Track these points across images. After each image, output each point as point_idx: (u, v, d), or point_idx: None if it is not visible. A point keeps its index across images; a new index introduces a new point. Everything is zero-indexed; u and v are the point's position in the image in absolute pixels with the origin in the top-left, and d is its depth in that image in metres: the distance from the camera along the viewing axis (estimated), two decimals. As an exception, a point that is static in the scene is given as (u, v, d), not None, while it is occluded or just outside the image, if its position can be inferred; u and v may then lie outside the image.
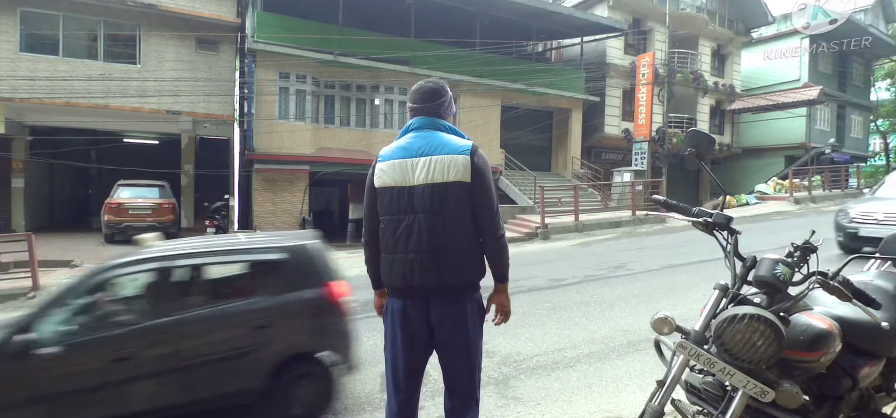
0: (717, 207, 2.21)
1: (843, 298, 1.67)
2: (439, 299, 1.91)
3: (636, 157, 18.80)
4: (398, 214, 1.87)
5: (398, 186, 1.87)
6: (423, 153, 1.88)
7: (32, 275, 8.05)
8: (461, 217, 1.88)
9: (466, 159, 1.87)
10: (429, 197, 1.84)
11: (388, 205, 1.90)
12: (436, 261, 1.85)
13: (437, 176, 1.84)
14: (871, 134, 30.69)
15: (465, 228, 1.89)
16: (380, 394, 3.84)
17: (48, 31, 13.37)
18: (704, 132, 2.17)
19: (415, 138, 1.93)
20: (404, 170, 1.87)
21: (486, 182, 1.91)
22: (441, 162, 1.85)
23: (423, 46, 16.33)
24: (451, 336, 1.92)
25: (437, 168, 1.84)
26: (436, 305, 1.91)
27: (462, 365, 1.94)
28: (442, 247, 1.85)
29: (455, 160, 1.86)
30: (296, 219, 14.69)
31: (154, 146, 18.52)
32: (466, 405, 1.96)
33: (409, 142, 1.93)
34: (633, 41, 21.80)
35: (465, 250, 1.90)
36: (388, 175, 1.89)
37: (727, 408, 1.74)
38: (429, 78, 2.15)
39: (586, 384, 3.81)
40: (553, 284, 7.15)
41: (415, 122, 1.97)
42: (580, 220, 13.32)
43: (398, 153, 1.91)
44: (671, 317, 1.83)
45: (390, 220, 1.90)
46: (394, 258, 1.90)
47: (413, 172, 1.86)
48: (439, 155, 1.86)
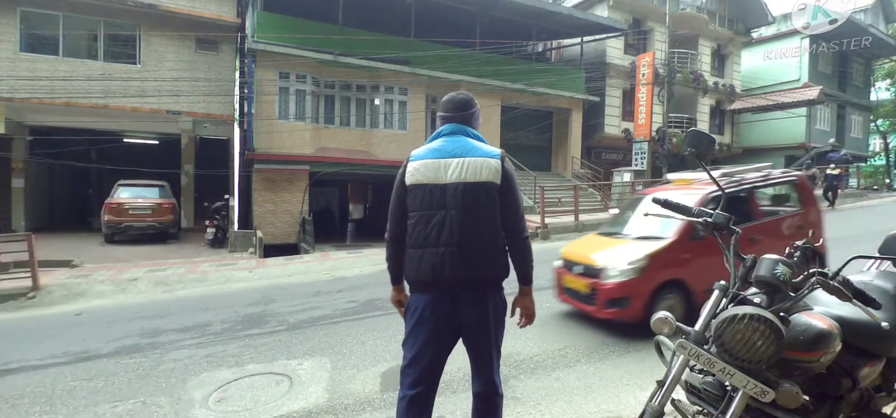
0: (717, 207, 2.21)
1: (843, 298, 1.67)
2: (465, 294, 1.99)
3: (636, 157, 18.80)
4: (430, 210, 1.96)
5: (431, 184, 1.97)
6: (455, 154, 1.99)
7: (32, 275, 8.06)
8: (490, 216, 1.98)
9: (497, 162, 2.01)
10: (461, 194, 1.94)
11: (419, 202, 1.98)
12: (465, 255, 1.94)
13: (469, 175, 1.95)
14: (871, 134, 30.68)
15: (492, 227, 2.00)
16: (380, 394, 3.85)
17: (48, 31, 13.37)
18: (704, 132, 2.17)
19: (447, 142, 2.06)
20: (437, 169, 1.97)
21: (514, 185, 2.05)
22: (473, 163, 1.98)
23: (423, 46, 16.33)
24: (476, 328, 2.02)
25: (470, 168, 1.97)
26: (462, 300, 1.99)
27: (487, 354, 2.05)
28: (471, 243, 1.94)
29: (487, 162, 1.99)
30: (296, 219, 14.69)
31: (154, 146, 18.52)
32: (492, 392, 2.08)
33: (441, 145, 2.05)
34: (633, 41, 21.79)
35: (491, 248, 1.99)
36: (421, 173, 1.99)
37: (727, 408, 1.74)
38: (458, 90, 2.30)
39: (586, 384, 3.81)
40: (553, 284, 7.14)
41: (446, 128, 2.11)
42: (580, 220, 13.31)
43: (431, 154, 2.02)
44: (671, 318, 1.83)
45: (422, 216, 1.98)
46: (424, 252, 1.97)
47: (446, 171, 1.96)
48: (472, 156, 1.99)
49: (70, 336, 5.86)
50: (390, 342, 5.09)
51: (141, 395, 4.07)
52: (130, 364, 4.83)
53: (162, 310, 6.89)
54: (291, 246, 13.98)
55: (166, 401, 3.93)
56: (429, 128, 16.94)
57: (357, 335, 5.37)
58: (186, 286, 8.60)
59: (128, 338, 5.61)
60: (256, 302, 7.18)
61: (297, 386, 4.10)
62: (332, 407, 3.69)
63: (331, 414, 3.60)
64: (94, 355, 5.11)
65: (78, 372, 4.67)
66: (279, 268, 10.18)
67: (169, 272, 9.61)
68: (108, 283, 8.63)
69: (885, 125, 30.44)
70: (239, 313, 6.54)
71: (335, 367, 4.41)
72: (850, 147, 26.25)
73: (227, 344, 5.31)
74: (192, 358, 4.91)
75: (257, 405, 3.80)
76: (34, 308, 7.53)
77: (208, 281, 9.01)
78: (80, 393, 4.18)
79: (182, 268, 9.98)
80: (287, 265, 10.47)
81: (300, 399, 3.86)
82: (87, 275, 9.20)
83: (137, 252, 11.87)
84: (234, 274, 9.59)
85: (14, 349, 5.43)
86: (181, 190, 15.77)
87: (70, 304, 7.58)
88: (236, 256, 11.66)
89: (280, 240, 14.18)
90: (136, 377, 4.49)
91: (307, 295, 7.49)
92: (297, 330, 5.66)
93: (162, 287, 8.52)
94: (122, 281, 8.79)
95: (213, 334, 5.67)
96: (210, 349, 5.15)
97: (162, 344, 5.41)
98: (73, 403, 4.00)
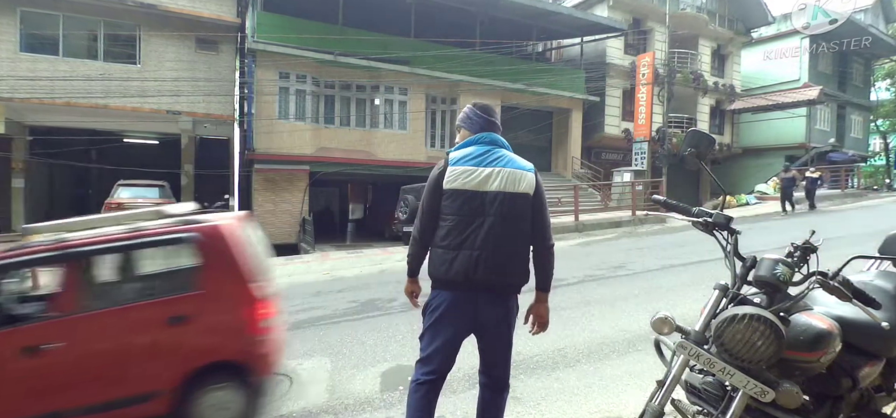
0: (717, 207, 2.21)
1: (843, 298, 1.67)
2: (488, 296, 2.12)
3: (636, 157, 18.79)
4: (469, 216, 2.06)
5: (472, 190, 2.06)
6: (495, 164, 2.10)
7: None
8: (523, 226, 2.14)
9: (532, 176, 2.16)
10: (500, 203, 2.07)
11: (459, 207, 2.08)
12: (498, 260, 2.06)
13: (509, 186, 2.08)
14: (871, 134, 30.68)
15: (524, 236, 2.16)
16: (380, 394, 3.85)
17: (48, 31, 13.37)
18: (704, 132, 2.17)
19: (485, 150, 2.15)
20: (479, 177, 2.07)
21: (545, 197, 2.24)
22: (513, 175, 2.11)
23: (423, 46, 16.33)
24: (495, 329, 2.17)
25: (510, 179, 2.09)
26: (484, 301, 2.12)
27: (501, 354, 2.21)
28: (504, 248, 2.07)
29: (525, 175, 2.14)
30: (296, 219, 14.69)
31: (154, 146, 18.53)
32: (501, 386, 2.25)
33: (480, 153, 2.13)
34: (633, 41, 21.79)
35: (521, 256, 2.16)
36: (462, 179, 2.07)
37: (727, 408, 1.74)
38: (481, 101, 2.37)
39: (586, 384, 3.81)
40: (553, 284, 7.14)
41: (486, 136, 2.18)
42: (580, 220, 13.32)
43: (471, 161, 2.10)
44: (671, 317, 1.83)
45: (460, 220, 2.07)
46: (458, 254, 2.06)
47: (487, 180, 2.06)
48: (510, 168, 2.12)
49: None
50: (390, 342, 5.09)
51: (141, 395, 4.06)
52: (130, 364, 4.82)
53: (162, 310, 6.88)
54: (291, 246, 13.98)
55: (166, 401, 3.93)
56: (429, 128, 16.96)
57: (357, 335, 5.36)
58: (186, 286, 8.58)
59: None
60: (256, 302, 7.16)
61: (297, 386, 4.10)
62: (332, 407, 3.69)
63: (331, 414, 3.60)
64: (94, 355, 5.10)
65: (78, 372, 4.66)
66: (279, 268, 10.17)
67: (169, 272, 9.59)
68: (108, 283, 8.61)
69: (885, 125, 30.43)
70: (239, 313, 6.53)
71: (335, 367, 4.41)
72: (849, 147, 26.29)
73: (227, 344, 5.30)
74: (192, 358, 4.90)
75: (257, 405, 3.80)
76: (34, 308, 7.51)
77: (208, 281, 8.99)
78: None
79: (182, 268, 9.96)
80: (287, 265, 10.47)
81: (300, 399, 3.86)
82: (87, 275, 9.17)
83: (137, 252, 11.84)
84: (234, 274, 9.57)
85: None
86: (181, 190, 15.75)
87: (70, 304, 7.56)
88: (236, 256, 11.64)
89: (280, 240, 14.17)
90: (136, 377, 4.48)
91: (307, 295, 7.49)
92: (297, 330, 5.65)
93: (162, 287, 8.50)
94: (122, 281, 8.77)
95: (213, 334, 5.66)
96: (210, 349, 5.14)
97: (162, 344, 5.39)
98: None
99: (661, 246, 9.99)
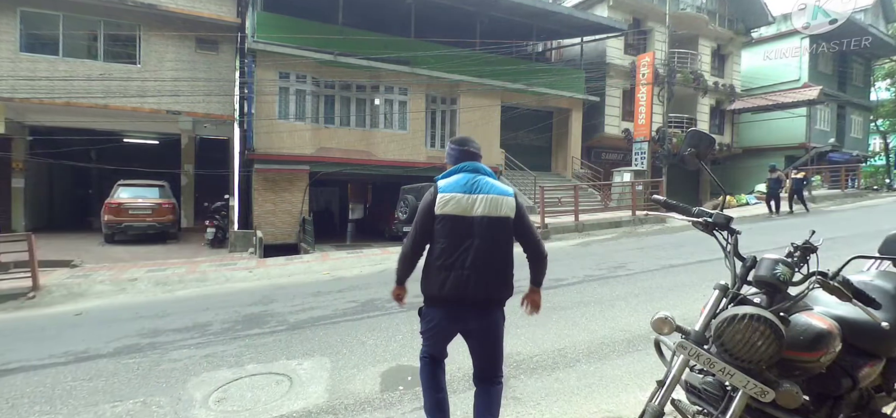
0: (717, 207, 2.21)
1: (843, 298, 1.67)
2: (477, 310, 2.36)
3: (636, 157, 18.79)
4: (459, 238, 2.28)
5: (460, 216, 2.28)
6: (479, 191, 2.32)
7: (32, 275, 8.06)
8: (506, 246, 2.37)
9: (513, 200, 2.37)
10: (485, 227, 2.29)
11: (449, 230, 2.30)
12: (486, 278, 2.29)
13: (492, 210, 2.29)
14: (871, 134, 30.68)
15: (507, 256, 2.37)
16: (380, 394, 3.85)
17: (48, 31, 13.37)
18: (704, 132, 2.17)
19: (469, 178, 2.37)
20: (466, 204, 2.29)
21: (526, 214, 2.45)
22: (495, 200, 2.31)
23: (423, 46, 16.33)
24: (484, 337, 2.41)
25: (492, 205, 2.30)
26: (473, 314, 2.37)
27: (488, 356, 2.45)
28: (490, 267, 2.30)
29: (506, 200, 2.34)
30: (296, 219, 14.69)
31: (154, 146, 18.53)
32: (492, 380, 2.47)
33: (465, 181, 2.36)
34: (633, 41, 21.79)
35: (505, 273, 2.37)
36: (451, 205, 2.29)
37: (727, 408, 1.74)
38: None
39: (586, 384, 3.81)
40: (553, 284, 7.15)
41: (469, 165, 2.42)
42: (580, 220, 13.31)
43: (458, 188, 2.33)
44: (671, 317, 1.83)
45: (450, 242, 2.29)
46: (450, 274, 2.29)
47: (473, 206, 2.28)
48: (492, 194, 2.32)
49: (70, 336, 5.86)
50: (390, 342, 5.09)
51: (141, 395, 4.07)
52: (130, 364, 4.83)
53: (162, 310, 6.89)
54: (291, 246, 13.98)
55: (166, 401, 3.93)
56: (429, 128, 16.96)
57: (357, 335, 5.36)
58: (186, 286, 8.60)
59: (128, 338, 5.61)
60: (256, 302, 7.17)
61: (297, 386, 4.10)
62: (332, 407, 3.69)
63: (331, 414, 3.60)
64: (94, 355, 5.11)
65: (78, 372, 4.67)
66: (279, 267, 10.18)
67: (169, 272, 9.61)
68: (108, 283, 8.63)
69: (885, 125, 30.44)
70: (239, 313, 6.54)
71: (335, 367, 4.41)
72: (849, 147, 26.29)
73: (227, 344, 5.31)
74: (192, 358, 4.91)
75: (257, 405, 3.80)
76: (34, 308, 7.53)
77: (208, 281, 9.01)
78: (80, 393, 4.18)
79: (182, 268, 9.98)
80: (287, 265, 10.47)
81: (300, 399, 3.86)
82: (87, 275, 9.20)
83: (137, 252, 11.87)
84: (233, 274, 9.59)
85: (14, 349, 5.43)
86: (181, 190, 15.77)
87: (70, 304, 7.58)
88: (236, 256, 11.66)
89: (280, 239, 14.19)
90: (136, 377, 4.49)
91: (307, 295, 7.49)
92: (297, 330, 5.65)
93: (162, 287, 8.52)
94: (122, 281, 8.79)
95: (212, 334, 5.66)
96: (210, 349, 5.15)
97: (162, 344, 5.40)
98: (73, 403, 4.00)
99: (661, 246, 9.99)
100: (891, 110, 29.21)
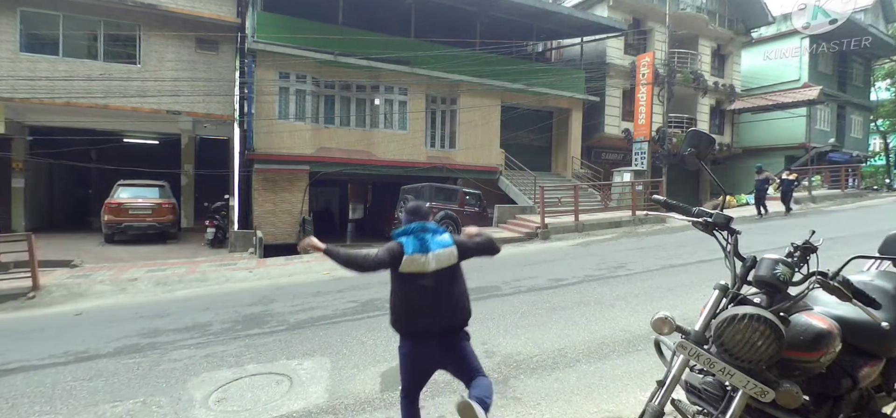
0: (717, 207, 2.21)
1: (843, 298, 1.67)
2: (445, 339, 2.83)
3: (636, 157, 18.79)
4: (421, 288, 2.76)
5: (419, 272, 2.76)
6: (430, 249, 2.79)
7: (32, 275, 8.06)
8: (459, 283, 2.87)
9: (453, 247, 2.83)
10: (441, 276, 2.78)
11: (413, 282, 2.77)
12: (447, 312, 2.80)
13: (443, 262, 2.78)
14: (871, 134, 30.68)
15: (460, 290, 2.86)
16: (380, 394, 3.85)
17: (48, 31, 13.37)
18: (704, 132, 2.17)
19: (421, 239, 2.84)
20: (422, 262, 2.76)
21: (467, 244, 2.92)
22: (442, 254, 2.80)
23: (423, 46, 16.33)
24: (457, 355, 2.86)
25: (443, 257, 2.79)
26: (444, 341, 2.83)
27: (469, 365, 2.86)
28: (450, 302, 2.80)
29: (451, 251, 2.82)
30: (296, 219, 14.69)
31: (154, 146, 18.52)
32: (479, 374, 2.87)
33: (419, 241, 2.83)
34: (633, 41, 21.80)
35: (462, 304, 2.85)
36: (413, 266, 2.76)
37: (727, 408, 1.74)
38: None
39: (586, 384, 3.81)
40: (553, 284, 7.16)
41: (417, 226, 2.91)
42: (580, 220, 13.31)
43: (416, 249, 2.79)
44: (671, 317, 1.83)
45: (414, 290, 2.77)
46: (418, 317, 2.78)
47: (428, 263, 2.76)
48: (439, 249, 2.80)
49: (70, 336, 5.86)
50: (390, 342, 5.09)
51: (141, 395, 4.07)
52: (130, 364, 4.83)
53: (162, 310, 6.89)
54: (291, 246, 13.97)
55: (166, 401, 3.94)
56: (429, 128, 16.97)
57: (357, 335, 5.37)
58: (186, 286, 8.60)
59: (128, 338, 5.61)
60: (256, 302, 7.17)
61: (297, 386, 4.11)
62: (332, 407, 3.70)
63: (331, 414, 3.60)
64: (94, 355, 5.11)
65: (78, 372, 4.67)
66: (279, 267, 10.18)
67: (169, 272, 9.61)
68: (108, 283, 8.63)
69: (885, 125, 30.45)
70: (239, 313, 6.54)
71: (335, 367, 4.41)
72: (850, 147, 26.29)
73: (227, 344, 5.31)
74: (192, 358, 4.91)
75: (257, 405, 3.81)
76: (34, 308, 7.53)
77: (208, 281, 9.01)
78: (80, 393, 4.18)
79: (182, 268, 9.98)
80: (287, 265, 10.47)
81: (300, 399, 3.86)
82: (87, 275, 9.20)
83: (137, 252, 11.87)
84: (233, 274, 9.59)
85: (14, 349, 5.43)
86: (181, 190, 15.77)
87: (70, 304, 7.58)
88: (236, 256, 11.67)
89: (280, 240, 14.18)
90: (136, 377, 4.49)
91: (307, 295, 7.49)
92: (297, 330, 5.66)
93: (162, 287, 8.52)
94: (122, 281, 8.79)
95: (213, 334, 5.67)
96: (210, 349, 5.15)
97: (162, 344, 5.40)
98: (73, 403, 4.00)
99: (661, 246, 9.99)
100: (891, 110, 29.21)
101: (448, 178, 16.83)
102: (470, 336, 2.94)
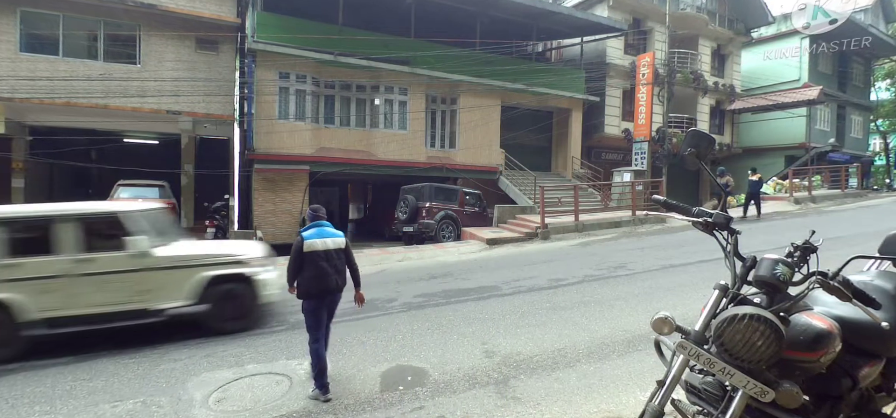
0: (717, 207, 2.21)
1: (843, 298, 1.67)
2: (333, 296, 4.14)
3: (636, 157, 18.79)
4: (321, 261, 4.03)
5: (319, 250, 4.05)
6: (326, 237, 4.14)
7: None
8: (341, 261, 4.17)
9: (343, 238, 4.24)
10: (333, 253, 4.11)
11: (314, 259, 4.02)
12: (337, 280, 4.12)
13: (334, 245, 4.13)
14: (871, 134, 30.67)
15: (343, 266, 4.21)
16: (380, 394, 3.85)
17: (48, 31, 13.37)
18: (704, 132, 2.17)
19: (320, 231, 4.16)
20: (320, 244, 4.08)
21: (349, 248, 4.29)
22: (335, 240, 4.17)
23: (423, 46, 16.33)
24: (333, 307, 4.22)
25: (335, 242, 4.16)
26: (333, 299, 4.16)
27: (332, 315, 4.24)
28: (336, 274, 4.11)
29: (339, 238, 4.20)
30: (296, 219, 14.69)
31: (154, 146, 18.52)
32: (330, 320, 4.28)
33: (317, 232, 4.15)
34: (633, 41, 21.79)
35: (343, 274, 4.18)
36: (313, 247, 4.04)
37: (727, 408, 1.74)
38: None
39: (586, 384, 3.81)
40: (553, 284, 7.16)
41: (317, 224, 4.21)
42: (580, 220, 13.31)
43: (317, 235, 4.11)
44: (671, 317, 1.83)
45: (317, 266, 4.01)
46: (321, 280, 4.01)
47: (324, 244, 4.08)
48: (333, 237, 4.17)
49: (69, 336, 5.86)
50: (390, 342, 5.09)
51: (141, 395, 4.08)
52: (130, 364, 4.84)
53: (162, 310, 6.88)
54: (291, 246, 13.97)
55: (166, 401, 3.94)
56: (429, 128, 16.99)
57: (357, 335, 5.37)
58: (186, 286, 8.57)
59: (126, 338, 5.62)
60: (256, 302, 7.16)
61: (297, 386, 4.11)
62: (332, 407, 3.70)
63: (331, 414, 3.60)
64: (94, 355, 5.11)
65: (78, 372, 4.67)
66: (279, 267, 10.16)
67: (169, 272, 9.58)
68: (108, 283, 8.60)
69: (885, 125, 30.44)
70: (239, 313, 6.53)
71: (335, 367, 4.42)
72: (850, 147, 26.29)
73: (226, 344, 5.32)
74: (192, 358, 4.92)
75: (257, 405, 3.81)
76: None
77: (208, 281, 8.99)
78: (79, 393, 4.18)
79: (182, 268, 9.95)
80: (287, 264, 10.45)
81: (300, 399, 3.87)
82: (87, 275, 9.17)
83: (137, 252, 11.84)
84: (234, 274, 9.56)
85: (14, 349, 5.42)
86: (181, 190, 15.75)
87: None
88: (236, 256, 11.63)
89: (280, 240, 14.15)
90: (135, 377, 4.49)
91: (307, 295, 7.47)
92: (297, 330, 5.66)
93: (162, 287, 8.49)
94: (122, 281, 8.77)
95: (212, 334, 5.67)
96: (210, 349, 5.16)
97: (161, 343, 5.41)
98: (73, 403, 4.00)
99: (661, 246, 9.99)
100: (891, 110, 29.20)
101: (448, 178, 16.83)
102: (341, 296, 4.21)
